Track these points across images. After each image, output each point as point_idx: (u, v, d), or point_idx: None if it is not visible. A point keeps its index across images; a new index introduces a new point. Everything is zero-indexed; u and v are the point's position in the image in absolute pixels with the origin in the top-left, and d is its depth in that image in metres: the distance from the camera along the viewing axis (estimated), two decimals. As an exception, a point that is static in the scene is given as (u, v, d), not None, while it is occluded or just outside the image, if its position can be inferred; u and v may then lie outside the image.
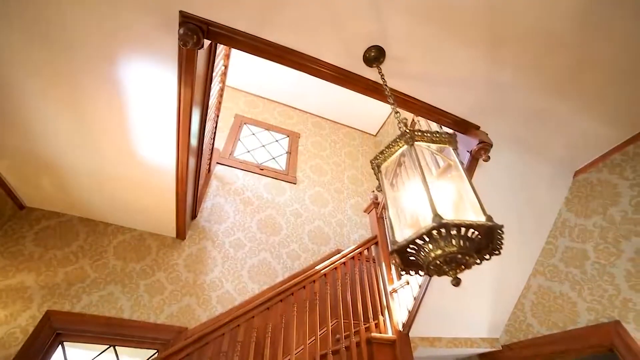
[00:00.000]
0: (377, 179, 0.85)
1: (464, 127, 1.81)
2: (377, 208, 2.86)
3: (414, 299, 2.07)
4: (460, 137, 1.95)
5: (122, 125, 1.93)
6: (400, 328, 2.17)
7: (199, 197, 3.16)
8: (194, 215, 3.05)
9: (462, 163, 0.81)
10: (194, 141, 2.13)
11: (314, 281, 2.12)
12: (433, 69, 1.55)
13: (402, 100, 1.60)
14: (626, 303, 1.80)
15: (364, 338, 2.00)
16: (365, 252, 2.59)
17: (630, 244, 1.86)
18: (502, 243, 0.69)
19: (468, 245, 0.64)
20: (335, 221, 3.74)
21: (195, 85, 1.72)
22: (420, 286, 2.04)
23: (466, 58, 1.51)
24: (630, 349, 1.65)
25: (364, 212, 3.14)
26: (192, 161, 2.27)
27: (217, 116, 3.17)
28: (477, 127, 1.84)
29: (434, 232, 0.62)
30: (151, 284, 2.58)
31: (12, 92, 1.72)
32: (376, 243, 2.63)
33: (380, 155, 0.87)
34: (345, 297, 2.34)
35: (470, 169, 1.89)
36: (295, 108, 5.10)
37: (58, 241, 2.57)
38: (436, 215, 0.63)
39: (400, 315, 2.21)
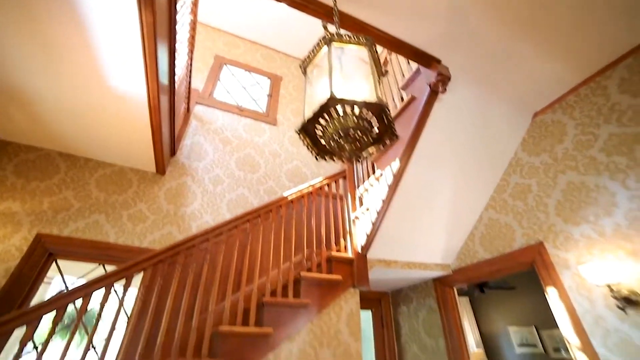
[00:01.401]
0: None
1: (425, 59, 1.86)
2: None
3: (372, 224, 2.30)
4: (422, 71, 2.02)
5: (87, 51, 1.90)
6: (359, 250, 2.43)
7: (178, 134, 3.22)
8: (173, 152, 3.14)
9: (376, 60, 0.90)
10: (163, 69, 2.14)
11: (280, 206, 2.32)
12: (393, -3, 1.56)
13: (361, 29, 1.62)
14: (550, 227, 2.05)
15: (324, 257, 2.27)
16: (334, 185, 2.76)
17: (564, 177, 2.06)
18: (394, 127, 0.81)
19: (362, 124, 0.77)
20: (314, 162, 3.89)
21: (158, 11, 1.70)
22: (378, 213, 2.26)
23: (427, -14, 1.52)
24: (544, 261, 1.94)
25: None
26: (164, 95, 2.29)
27: (192, 52, 3.10)
28: (439, 61, 1.89)
29: (332, 111, 0.74)
30: (134, 214, 2.76)
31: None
32: (344, 177, 2.82)
33: (307, 59, 0.96)
34: (311, 224, 2.56)
35: (429, 103, 1.98)
36: (278, 51, 4.95)
37: (39, 173, 2.65)
38: (330, 93, 0.75)
39: (360, 240, 2.47)
